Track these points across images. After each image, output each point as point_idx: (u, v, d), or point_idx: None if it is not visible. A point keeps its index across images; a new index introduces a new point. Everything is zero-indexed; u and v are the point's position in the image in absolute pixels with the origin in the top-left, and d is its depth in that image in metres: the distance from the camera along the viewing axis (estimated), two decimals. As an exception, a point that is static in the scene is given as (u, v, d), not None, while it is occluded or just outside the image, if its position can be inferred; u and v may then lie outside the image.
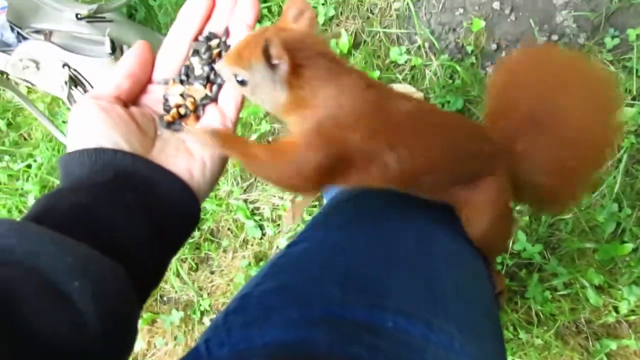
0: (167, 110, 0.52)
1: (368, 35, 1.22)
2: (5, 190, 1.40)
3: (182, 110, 0.52)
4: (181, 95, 0.52)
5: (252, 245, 1.27)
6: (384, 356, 0.46)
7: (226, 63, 0.49)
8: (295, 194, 1.19)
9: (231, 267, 1.29)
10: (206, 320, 1.32)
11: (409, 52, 1.20)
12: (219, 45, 0.53)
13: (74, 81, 1.11)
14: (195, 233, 1.29)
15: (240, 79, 0.49)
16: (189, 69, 0.53)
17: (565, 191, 0.63)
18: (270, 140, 1.26)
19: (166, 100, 0.52)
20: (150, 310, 1.33)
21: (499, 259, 1.10)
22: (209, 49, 0.53)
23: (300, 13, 0.48)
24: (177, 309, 1.32)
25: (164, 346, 1.33)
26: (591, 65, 0.68)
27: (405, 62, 1.20)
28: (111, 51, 1.08)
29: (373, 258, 0.54)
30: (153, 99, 0.53)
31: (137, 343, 1.31)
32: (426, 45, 1.20)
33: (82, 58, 1.09)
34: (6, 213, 1.39)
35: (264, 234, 1.26)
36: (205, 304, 1.30)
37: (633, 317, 1.07)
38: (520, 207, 1.07)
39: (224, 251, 1.29)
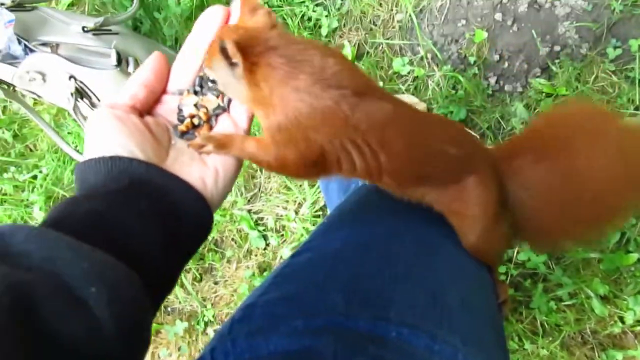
0: (181, 120, 0.53)
1: (371, 46, 1.23)
2: (11, 201, 1.41)
3: (196, 121, 0.53)
4: (195, 105, 0.53)
5: (256, 255, 1.27)
6: None
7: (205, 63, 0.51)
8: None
9: (235, 278, 1.29)
10: (210, 331, 1.31)
11: (411, 63, 1.21)
12: None
13: (80, 93, 1.12)
14: (200, 243, 1.30)
15: (211, 78, 0.51)
16: (202, 80, 0.54)
17: (553, 224, 0.63)
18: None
19: (180, 110, 0.54)
20: (154, 320, 1.33)
21: (503, 269, 1.10)
22: None
23: (254, 10, 0.49)
24: (181, 320, 1.32)
25: (168, 357, 1.32)
26: (623, 126, 0.66)
27: (408, 73, 1.21)
28: (117, 63, 1.09)
29: (377, 268, 0.54)
30: (167, 109, 0.54)
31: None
32: (429, 56, 1.20)
33: (88, 70, 1.10)
34: (10, 223, 1.39)
35: (267, 244, 1.27)
36: (209, 315, 1.30)
37: (639, 328, 1.06)
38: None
39: (228, 261, 1.30)
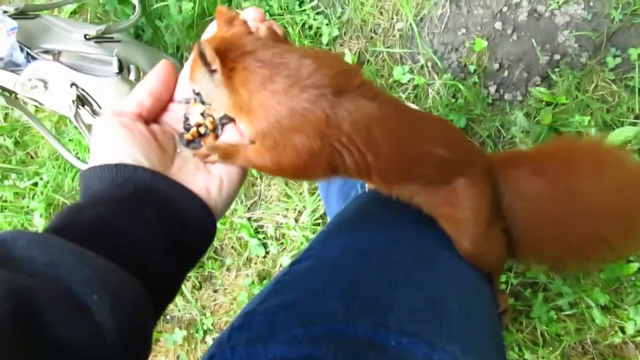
0: (187, 128, 0.53)
1: (371, 55, 1.24)
2: (11, 208, 1.41)
3: (202, 130, 0.53)
4: (201, 114, 0.53)
5: (256, 263, 1.27)
6: None
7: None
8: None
9: (234, 286, 1.28)
10: (209, 340, 1.31)
11: (412, 72, 1.21)
12: None
13: (82, 100, 1.13)
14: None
15: (196, 91, 0.51)
16: None
17: (544, 240, 0.63)
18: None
19: (187, 119, 0.54)
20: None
21: (503, 278, 1.09)
22: None
23: (230, 22, 0.49)
24: (180, 328, 1.31)
25: (167, 365, 1.32)
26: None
27: (409, 81, 1.21)
28: (118, 71, 1.09)
29: (376, 274, 0.54)
30: (174, 117, 0.54)
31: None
32: (429, 64, 1.21)
33: (90, 78, 1.11)
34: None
35: (267, 252, 1.26)
36: (208, 323, 1.29)
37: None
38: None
39: (228, 269, 1.29)
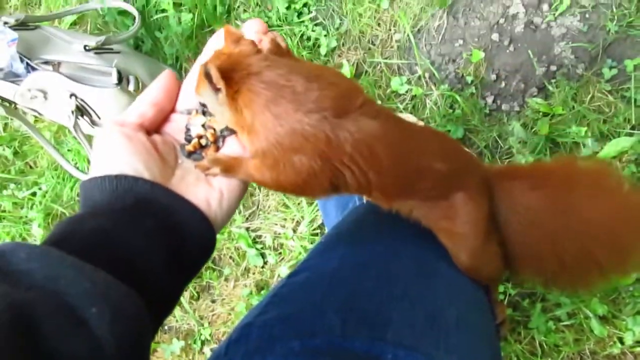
0: (189, 140, 0.53)
1: (369, 65, 1.25)
2: (10, 218, 1.41)
3: (203, 141, 0.53)
4: (203, 126, 0.53)
5: (254, 273, 1.27)
6: None
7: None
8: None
9: (232, 296, 1.28)
10: (207, 350, 1.30)
11: (409, 82, 1.22)
12: None
13: (81, 111, 1.13)
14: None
15: (200, 101, 0.52)
16: None
17: (538, 255, 0.63)
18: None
19: (188, 130, 0.54)
20: (151, 339, 1.32)
21: (501, 288, 1.09)
22: None
23: (237, 41, 0.49)
24: (178, 339, 1.31)
25: (164, 376, 1.31)
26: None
27: (406, 92, 1.22)
28: (117, 82, 1.10)
29: (375, 286, 0.54)
30: (175, 127, 0.54)
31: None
32: (426, 75, 1.22)
33: (89, 88, 1.11)
34: (9, 241, 1.39)
35: (265, 263, 1.26)
36: (206, 333, 1.29)
37: (638, 349, 1.05)
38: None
39: (226, 280, 1.29)
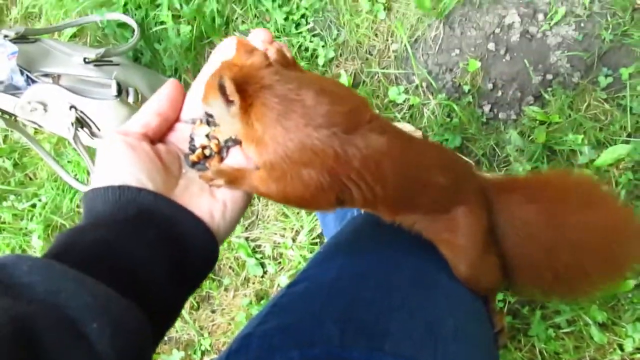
0: (193, 150, 0.53)
1: (367, 75, 1.26)
2: (10, 230, 1.41)
3: (207, 152, 0.53)
4: (207, 136, 0.53)
5: (254, 283, 1.27)
6: None
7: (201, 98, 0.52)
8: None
9: (232, 306, 1.28)
10: (207, 360, 1.30)
11: (407, 92, 1.23)
12: None
13: (80, 122, 1.14)
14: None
15: (207, 111, 0.52)
16: None
17: (533, 267, 0.64)
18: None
19: (192, 139, 0.54)
20: (151, 350, 1.32)
21: (500, 296, 1.09)
22: None
23: (250, 52, 0.49)
24: (178, 349, 1.30)
25: (165, 387, 1.31)
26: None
27: (404, 102, 1.23)
28: (117, 93, 1.11)
29: (374, 296, 0.55)
30: (180, 137, 0.54)
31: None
32: (424, 84, 1.23)
33: (89, 100, 1.12)
34: (10, 252, 1.39)
35: (265, 272, 1.27)
36: (206, 344, 1.29)
37: (638, 355, 1.05)
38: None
39: (225, 289, 1.29)
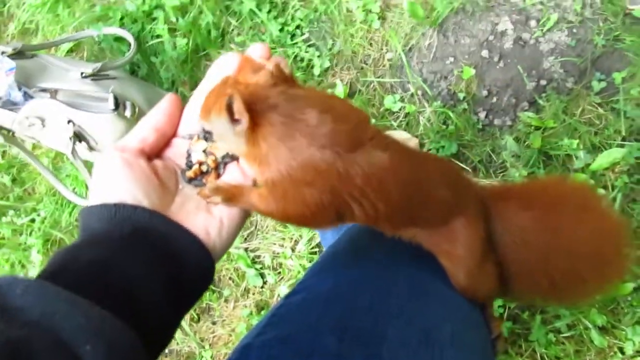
0: (190, 166, 0.53)
1: (362, 84, 1.27)
2: (9, 245, 1.41)
3: (204, 168, 0.53)
4: (204, 151, 0.53)
5: (254, 294, 1.27)
6: None
7: (198, 115, 0.51)
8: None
9: (233, 317, 1.28)
10: (208, 372, 1.30)
11: (402, 100, 1.24)
12: None
13: (78, 137, 1.14)
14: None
15: (207, 129, 0.51)
16: None
17: (531, 273, 0.65)
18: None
19: (189, 155, 0.53)
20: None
21: (500, 302, 1.09)
22: None
23: (257, 70, 0.49)
24: (179, 361, 1.30)
25: (166, 400, 1.30)
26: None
27: (400, 110, 1.23)
28: (114, 107, 1.11)
29: (370, 303, 0.55)
30: (177, 152, 0.53)
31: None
32: (419, 92, 1.23)
33: (87, 114, 1.12)
34: (9, 268, 1.39)
35: (265, 283, 1.27)
36: (207, 356, 1.28)
37: (639, 358, 1.05)
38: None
39: (226, 301, 1.29)
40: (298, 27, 1.31)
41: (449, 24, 1.24)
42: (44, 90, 1.15)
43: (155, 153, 0.52)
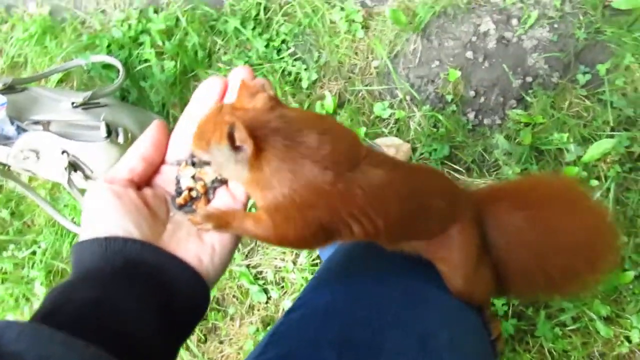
0: (179, 192, 0.53)
1: (351, 94, 1.28)
2: (12, 279, 1.41)
3: (194, 193, 0.53)
4: (192, 177, 0.53)
5: (259, 310, 1.27)
6: None
7: (192, 144, 0.50)
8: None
9: (240, 335, 1.28)
10: (219, 392, 1.30)
11: (392, 106, 1.25)
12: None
13: (73, 166, 1.15)
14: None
15: (204, 158, 0.50)
16: None
17: (527, 272, 0.66)
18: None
19: (178, 181, 0.53)
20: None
21: (504, 300, 1.10)
22: None
23: (254, 95, 0.49)
24: (189, 383, 1.30)
25: (179, 423, 1.30)
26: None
27: (390, 116, 1.25)
28: (107, 135, 1.12)
29: (366, 316, 0.55)
30: (166, 179, 0.53)
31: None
32: (407, 98, 1.25)
33: (80, 144, 1.13)
34: (13, 302, 1.39)
35: (269, 298, 1.27)
36: (216, 375, 1.29)
37: (646, 346, 1.06)
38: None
39: (231, 319, 1.29)
40: (283, 42, 1.33)
41: (431, 28, 1.26)
42: (36, 123, 1.16)
43: (144, 181, 0.52)
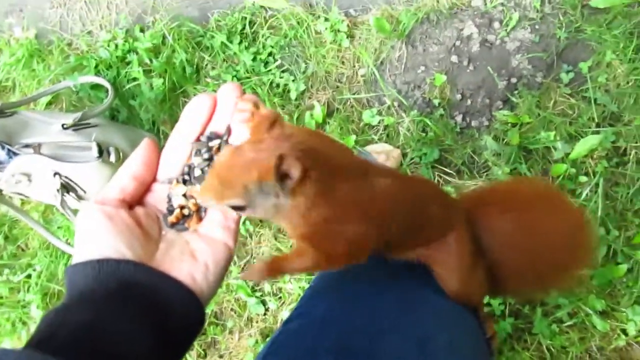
0: (171, 210, 0.52)
1: (340, 103, 1.29)
2: (8, 304, 1.41)
3: (186, 211, 0.52)
4: (184, 195, 0.52)
5: (257, 322, 1.27)
6: None
7: (213, 198, 0.48)
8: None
9: (239, 348, 1.28)
10: (222, 406, 1.29)
11: (380, 113, 1.26)
12: (219, 145, 0.53)
13: (66, 188, 1.15)
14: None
15: (236, 205, 0.48)
16: (190, 169, 0.53)
17: (519, 272, 0.68)
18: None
19: (169, 200, 0.52)
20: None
21: (500, 299, 1.11)
22: (210, 149, 0.53)
23: (272, 123, 0.48)
24: (191, 399, 1.30)
25: None
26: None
27: (379, 123, 1.26)
28: (98, 155, 1.13)
29: (363, 323, 0.56)
30: (158, 197, 0.53)
31: None
32: (395, 104, 1.26)
33: (72, 165, 1.14)
34: (10, 326, 1.39)
35: (267, 309, 1.27)
36: (218, 390, 1.28)
37: (642, 338, 1.07)
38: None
39: (230, 332, 1.29)
40: (270, 55, 1.34)
41: (415, 34, 1.28)
42: (27, 146, 1.16)
43: (136, 200, 0.52)
